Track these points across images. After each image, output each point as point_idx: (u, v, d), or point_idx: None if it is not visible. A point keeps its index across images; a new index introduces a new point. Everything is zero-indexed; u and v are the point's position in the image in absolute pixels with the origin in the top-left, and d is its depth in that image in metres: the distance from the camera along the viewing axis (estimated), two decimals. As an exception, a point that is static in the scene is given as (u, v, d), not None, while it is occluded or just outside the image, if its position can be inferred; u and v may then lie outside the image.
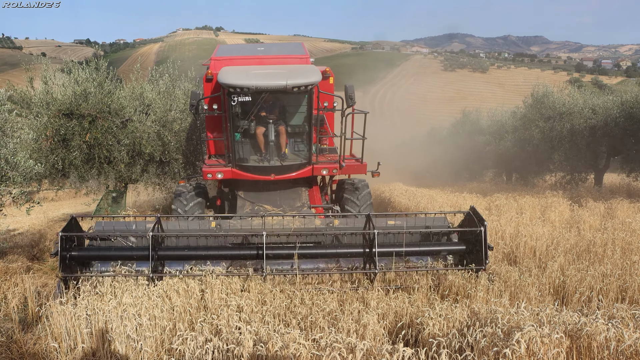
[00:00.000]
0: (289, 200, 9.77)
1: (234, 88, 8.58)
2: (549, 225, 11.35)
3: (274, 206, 9.50)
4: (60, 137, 12.13)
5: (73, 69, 12.93)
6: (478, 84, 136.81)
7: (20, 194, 8.50)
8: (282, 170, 9.42)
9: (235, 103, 9.01)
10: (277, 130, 9.48)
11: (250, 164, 9.50)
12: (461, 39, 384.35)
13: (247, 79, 8.52)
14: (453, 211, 8.90)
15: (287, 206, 9.55)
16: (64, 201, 27.02)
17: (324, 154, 10.28)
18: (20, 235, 13.02)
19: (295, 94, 9.17)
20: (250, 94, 8.81)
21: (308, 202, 9.72)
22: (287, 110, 9.94)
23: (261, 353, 4.62)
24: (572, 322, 4.94)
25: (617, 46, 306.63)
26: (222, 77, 8.68)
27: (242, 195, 9.79)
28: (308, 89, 8.73)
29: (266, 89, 8.67)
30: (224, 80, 8.57)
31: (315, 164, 9.56)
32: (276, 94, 9.31)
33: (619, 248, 8.67)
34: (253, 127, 9.49)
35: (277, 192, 9.95)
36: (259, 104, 9.12)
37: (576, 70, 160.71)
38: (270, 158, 9.47)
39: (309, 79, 8.65)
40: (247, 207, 9.48)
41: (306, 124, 9.49)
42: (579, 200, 16.10)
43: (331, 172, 9.68)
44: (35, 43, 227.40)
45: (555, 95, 22.32)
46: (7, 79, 13.76)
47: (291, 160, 9.65)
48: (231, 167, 9.43)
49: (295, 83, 8.49)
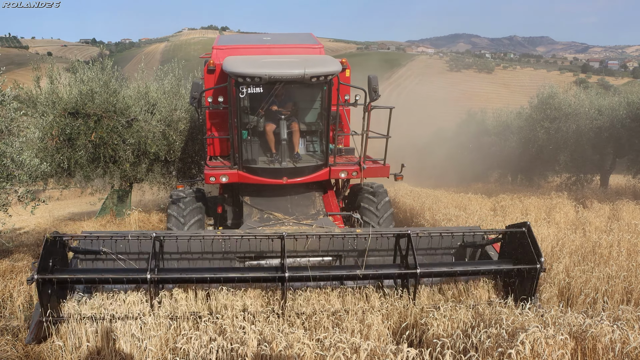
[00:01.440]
0: (302, 207, 8.72)
1: (243, 77, 7.51)
2: (554, 227, 11.32)
3: (285, 214, 8.40)
4: (66, 136, 12.17)
5: (79, 68, 12.97)
6: (483, 85, 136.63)
7: (25, 193, 8.53)
8: (295, 173, 8.39)
9: (244, 95, 8.01)
10: (290, 127, 8.51)
11: (259, 165, 8.46)
12: (467, 39, 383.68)
13: (259, 67, 7.49)
14: (495, 230, 7.25)
15: (300, 214, 8.44)
16: (70, 200, 27.11)
17: (340, 154, 9.35)
18: (25, 234, 13.08)
19: (312, 86, 8.22)
20: (262, 84, 7.77)
21: (324, 209, 8.66)
22: (301, 105, 8.93)
23: (265, 353, 4.62)
24: (577, 323, 4.93)
25: (624, 47, 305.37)
26: (229, 65, 7.66)
27: (248, 201, 8.73)
28: (328, 79, 7.78)
29: (281, 79, 7.58)
30: (232, 69, 7.55)
31: (332, 166, 8.56)
32: (290, 86, 8.25)
33: (625, 250, 8.63)
34: (262, 124, 8.56)
35: (288, 198, 8.94)
36: (271, 97, 8.13)
37: (582, 71, 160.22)
38: (282, 159, 8.40)
39: (329, 67, 7.71)
40: (255, 215, 8.36)
41: (323, 121, 8.49)
42: (584, 201, 16.04)
43: (350, 175, 8.67)
44: (41, 42, 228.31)
45: (561, 96, 22.26)
46: (13, 78, 13.80)
47: (305, 161, 8.65)
48: (237, 169, 8.36)
49: (315, 72, 7.51)
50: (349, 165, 8.74)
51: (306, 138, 9.03)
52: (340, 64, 7.97)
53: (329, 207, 8.89)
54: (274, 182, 8.38)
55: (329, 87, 8.02)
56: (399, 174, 9.24)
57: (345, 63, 8.74)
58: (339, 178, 8.81)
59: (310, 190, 9.11)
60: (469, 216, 12.31)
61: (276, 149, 8.54)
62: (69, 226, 13.01)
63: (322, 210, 8.57)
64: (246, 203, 8.67)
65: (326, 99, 8.18)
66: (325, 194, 9.27)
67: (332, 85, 8.01)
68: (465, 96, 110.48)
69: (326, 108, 8.23)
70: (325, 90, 8.14)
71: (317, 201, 8.92)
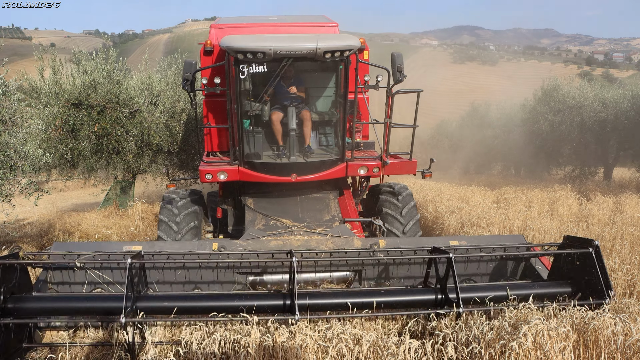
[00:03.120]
0: (314, 212, 7.54)
1: (243, 53, 6.39)
2: (557, 219, 11.30)
3: (295, 220, 7.25)
4: (69, 128, 12.19)
5: (82, 59, 12.97)
6: (487, 77, 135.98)
7: (28, 184, 8.54)
8: (306, 169, 7.20)
9: (244, 76, 6.77)
10: (300, 115, 7.36)
11: (264, 160, 7.31)
12: (471, 32, 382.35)
13: (262, 41, 6.42)
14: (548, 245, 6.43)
15: (313, 220, 7.30)
16: (73, 191, 27.18)
17: (359, 148, 8.12)
18: (29, 225, 13.13)
19: (326, 66, 7.18)
20: (266, 62, 6.61)
21: (340, 215, 7.48)
22: (313, 89, 7.76)
23: (268, 344, 4.63)
24: (580, 316, 4.92)
25: (629, 39, 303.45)
26: (227, 40, 6.57)
27: (251, 205, 7.60)
28: (345, 56, 6.63)
29: (289, 54, 6.42)
30: (231, 44, 6.45)
31: (349, 161, 7.36)
32: (300, 65, 7.18)
33: (628, 242, 8.62)
34: (268, 112, 7.36)
35: (298, 201, 7.77)
36: (278, 78, 6.95)
37: (587, 63, 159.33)
38: (291, 152, 7.21)
39: (346, 42, 6.60)
40: (259, 221, 7.26)
41: (338, 108, 7.29)
42: (587, 194, 16.01)
43: (371, 172, 7.40)
44: (45, 33, 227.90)
45: (565, 89, 22.20)
46: (16, 69, 13.79)
47: (318, 155, 7.47)
48: (237, 164, 7.24)
49: (329, 46, 6.42)
50: (369, 160, 7.54)
51: (319, 129, 7.83)
52: (358, 40, 6.86)
53: (346, 212, 7.69)
54: (281, 179, 7.19)
55: (345, 67, 6.88)
56: (427, 171, 8.15)
57: (364, 43, 7.56)
58: (358, 175, 7.69)
59: (324, 191, 7.98)
60: (472, 208, 12.30)
61: (283, 141, 7.39)
62: (72, 217, 13.03)
63: (337, 216, 7.45)
64: (249, 207, 7.58)
65: (342, 81, 7.06)
66: (341, 196, 8.07)
67: (350, 64, 6.87)
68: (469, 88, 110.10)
69: (342, 93, 7.09)
70: (342, 71, 6.97)
71: (332, 205, 7.75)
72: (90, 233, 11.26)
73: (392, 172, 7.64)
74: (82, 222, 12.13)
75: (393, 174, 7.79)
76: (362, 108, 7.97)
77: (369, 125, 8.25)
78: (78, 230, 11.57)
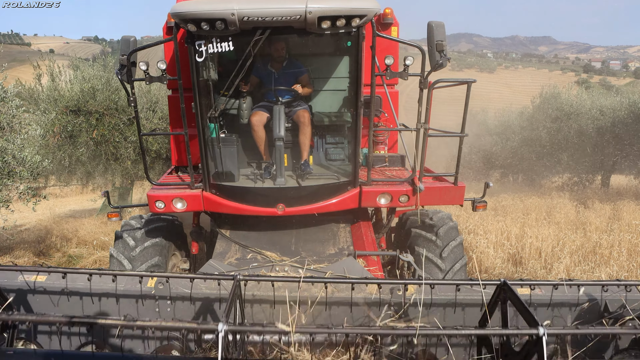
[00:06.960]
0: (315, 243, 5.43)
1: (196, 22, 4.26)
2: (554, 226, 11.31)
3: (284, 254, 5.12)
4: (68, 134, 12.19)
5: (81, 65, 13.00)
6: (485, 84, 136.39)
7: (26, 190, 8.54)
8: (300, 198, 5.09)
9: (204, 58, 4.55)
10: (294, 116, 5.35)
11: (238, 183, 5.18)
12: (468, 39, 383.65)
13: (223, 3, 4.19)
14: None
15: (311, 253, 5.19)
16: (71, 197, 27.12)
17: (381, 165, 5.91)
18: (27, 231, 13.10)
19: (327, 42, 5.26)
20: (232, 35, 4.40)
21: (351, 246, 5.37)
22: (314, 80, 5.68)
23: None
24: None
25: (626, 47, 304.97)
26: (177, 7, 4.32)
27: (227, 234, 5.53)
28: (353, 26, 4.30)
29: (264, 22, 4.23)
30: (180, 9, 4.25)
31: (364, 185, 5.15)
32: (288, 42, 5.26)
33: (625, 250, 8.62)
34: (245, 112, 5.32)
35: (293, 229, 5.65)
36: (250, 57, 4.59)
37: (584, 71, 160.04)
38: (278, 172, 5.09)
39: (353, 3, 4.25)
40: (233, 254, 5.18)
41: (348, 105, 5.36)
42: (585, 201, 16.03)
43: (396, 202, 5.16)
44: (44, 40, 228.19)
45: (563, 96, 22.30)
46: (15, 75, 13.81)
47: (318, 176, 5.36)
48: (202, 188, 5.15)
49: (326, 9, 4.16)
50: (394, 184, 5.24)
51: (321, 137, 5.83)
52: (378, 4, 4.38)
53: (360, 244, 5.40)
54: (262, 211, 5.08)
55: (356, 44, 4.61)
56: (479, 200, 5.93)
57: (391, 15, 5.65)
58: (377, 206, 5.44)
59: (331, 216, 5.74)
60: (470, 216, 12.30)
61: (268, 153, 5.40)
62: (70, 223, 13.01)
63: (348, 249, 5.32)
64: (222, 235, 5.51)
65: (353, 63, 4.83)
66: (356, 224, 5.81)
67: (364, 38, 4.54)
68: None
69: (354, 82, 4.82)
70: (352, 48, 4.75)
71: (342, 234, 5.64)
72: (88, 239, 11.24)
73: (428, 202, 5.42)
74: (80, 229, 12.12)
75: (429, 205, 5.76)
76: (386, 107, 5.85)
77: (397, 133, 6.04)
78: (76, 237, 11.55)
